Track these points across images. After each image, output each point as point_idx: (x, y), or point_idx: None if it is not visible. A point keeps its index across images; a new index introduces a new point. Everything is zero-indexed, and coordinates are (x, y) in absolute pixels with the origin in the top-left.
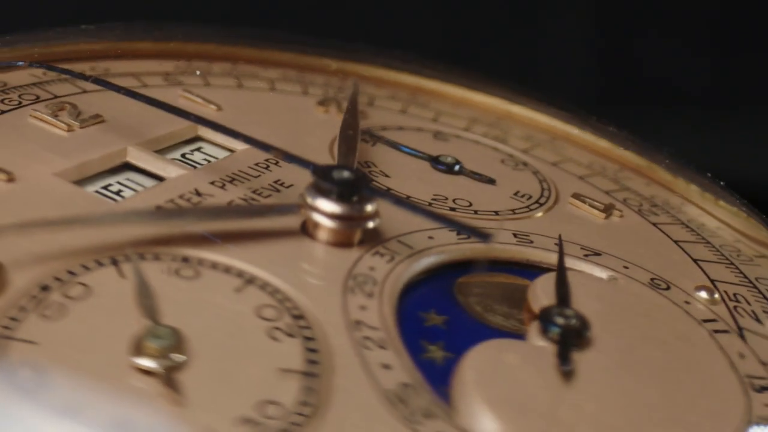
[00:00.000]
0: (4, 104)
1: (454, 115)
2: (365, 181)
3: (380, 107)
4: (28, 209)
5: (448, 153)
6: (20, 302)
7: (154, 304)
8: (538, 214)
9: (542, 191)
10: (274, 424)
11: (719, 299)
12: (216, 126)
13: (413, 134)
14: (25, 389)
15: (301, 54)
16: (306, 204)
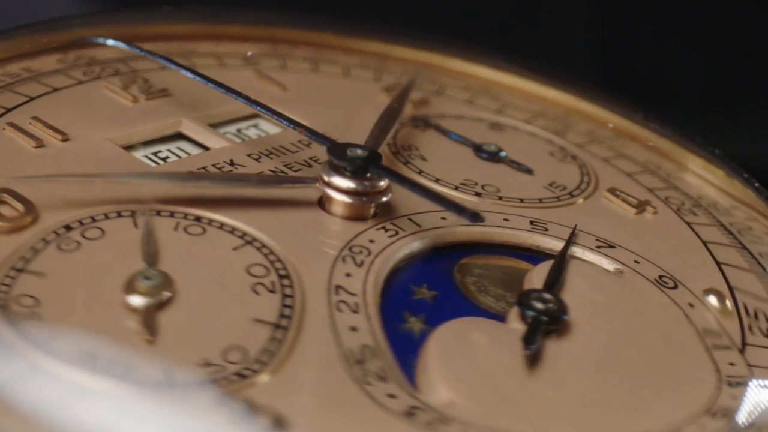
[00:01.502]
0: (84, 75)
1: (520, 107)
2: (374, 160)
3: (448, 96)
4: (72, 165)
5: (499, 143)
6: (44, 236)
7: (154, 251)
8: (579, 201)
9: (579, 184)
10: (232, 368)
11: (731, 309)
12: (252, 102)
13: (470, 123)
14: (18, 316)
15: (383, 42)
16: (320, 178)
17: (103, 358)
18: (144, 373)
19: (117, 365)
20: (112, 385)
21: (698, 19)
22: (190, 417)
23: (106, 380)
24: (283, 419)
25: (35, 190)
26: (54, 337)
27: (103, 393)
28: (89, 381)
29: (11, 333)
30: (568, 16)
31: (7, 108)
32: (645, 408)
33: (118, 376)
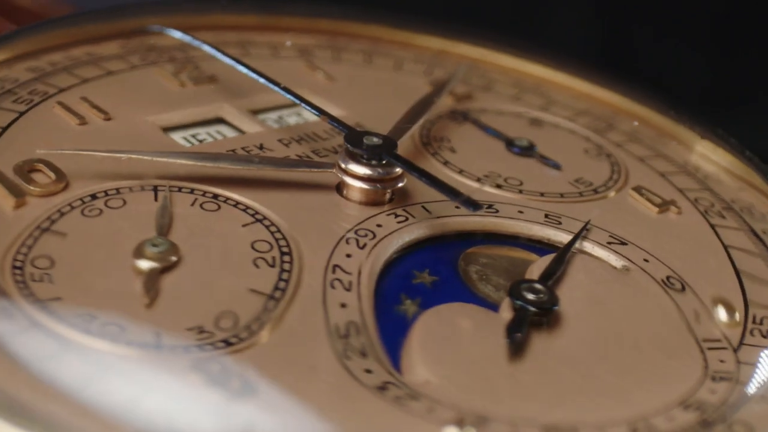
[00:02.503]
0: (141, 60)
1: (566, 105)
2: (388, 148)
3: (496, 92)
4: (109, 142)
5: (536, 138)
6: (71, 202)
7: (167, 223)
8: (602, 197)
9: (607, 181)
10: (221, 335)
11: (740, 321)
12: (282, 88)
13: (510, 119)
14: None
15: (441, 38)
16: (338, 164)
17: (101, 319)
18: (135, 335)
19: (112, 326)
20: (103, 344)
21: (698, 19)
22: (166, 378)
23: (97, 340)
24: (253, 384)
25: (68, 162)
26: (59, 298)
27: (92, 351)
28: (81, 339)
29: (19, 291)
30: (568, 16)
31: (60, 88)
32: (620, 398)
33: (109, 336)
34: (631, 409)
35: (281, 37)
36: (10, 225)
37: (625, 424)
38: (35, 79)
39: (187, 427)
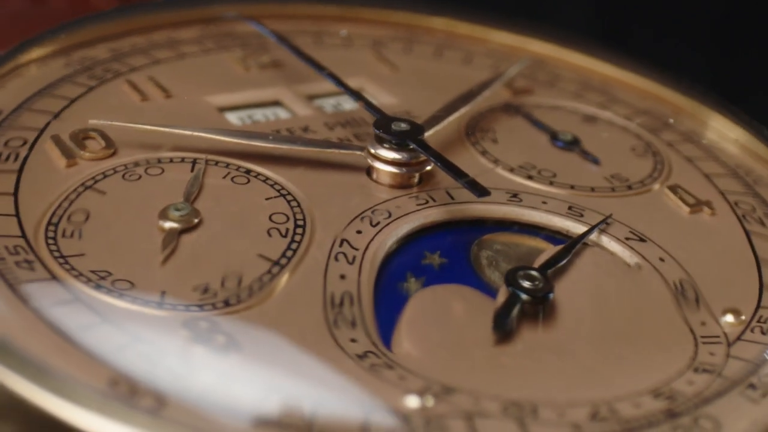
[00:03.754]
0: (214, 44)
1: (627, 103)
2: (413, 134)
3: (558, 88)
4: (165, 117)
5: (585, 134)
6: (115, 166)
7: (194, 191)
8: (646, 191)
9: (644, 179)
10: (223, 294)
11: (745, 320)
12: (329, 75)
13: (564, 114)
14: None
15: (515, 34)
16: (366, 148)
17: (115, 275)
18: (142, 292)
19: (123, 282)
20: (110, 299)
21: (698, 19)
22: (155, 332)
23: (104, 295)
24: (238, 342)
25: (119, 132)
26: (82, 254)
27: (99, 304)
28: (91, 293)
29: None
30: (568, 15)
31: (133, 67)
32: (595, 382)
33: (117, 293)
34: (600, 392)
35: (357, 28)
36: (62, 180)
37: (588, 406)
38: (112, 58)
39: (164, 374)
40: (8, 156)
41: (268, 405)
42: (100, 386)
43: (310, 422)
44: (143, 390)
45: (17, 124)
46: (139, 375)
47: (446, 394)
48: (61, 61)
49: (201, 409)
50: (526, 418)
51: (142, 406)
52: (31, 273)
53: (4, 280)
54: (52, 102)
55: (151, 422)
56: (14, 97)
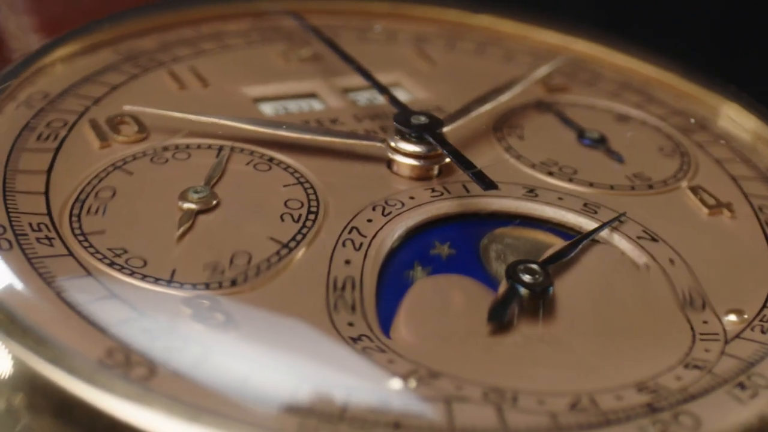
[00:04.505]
0: (259, 37)
1: (664, 103)
2: (430, 127)
3: (596, 87)
4: (200, 106)
5: (615, 133)
6: (145, 150)
7: (216, 176)
8: (667, 190)
9: (667, 179)
10: (230, 273)
11: (748, 318)
12: (358, 69)
13: (597, 113)
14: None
15: (558, 33)
16: (385, 140)
17: (130, 252)
18: (154, 269)
19: (136, 260)
20: (121, 276)
21: (698, 18)
22: (158, 308)
23: (116, 272)
24: (236, 321)
25: (153, 119)
26: (102, 231)
27: (109, 280)
28: (104, 269)
29: (70, 224)
30: (569, 15)
31: (177, 57)
32: (583, 374)
33: (128, 270)
34: (585, 383)
35: (403, 24)
36: (94, 160)
37: (569, 396)
38: (159, 48)
39: (160, 347)
40: (48, 136)
41: (251, 381)
42: (96, 356)
43: (290, 398)
44: (136, 361)
45: (61, 107)
46: (135, 347)
47: (431, 378)
48: (110, 50)
49: (188, 381)
50: (505, 405)
51: (134, 375)
52: (49, 249)
53: (23, 255)
54: (95, 88)
55: (139, 391)
56: (61, 82)
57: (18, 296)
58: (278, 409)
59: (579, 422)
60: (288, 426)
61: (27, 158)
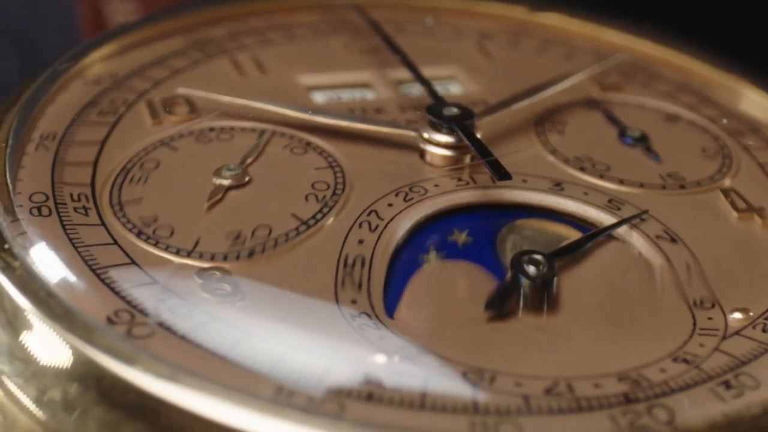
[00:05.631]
0: (326, 29)
1: (718, 105)
2: (460, 119)
3: (651, 87)
4: (254, 92)
5: (661, 133)
6: (192, 129)
7: (251, 155)
8: (700, 191)
9: (701, 180)
10: (250, 244)
11: (752, 316)
12: (404, 61)
13: (646, 113)
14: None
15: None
16: (418, 129)
17: (160, 221)
18: (178, 240)
19: (164, 229)
20: (144, 245)
21: (698, 18)
22: (170, 276)
23: (140, 241)
24: (243, 291)
25: (206, 102)
26: (140, 198)
27: (131, 246)
28: (129, 236)
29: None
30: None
31: (242, 45)
32: (571, 360)
33: (154, 239)
34: (568, 369)
35: (470, 20)
36: (145, 136)
37: (548, 380)
38: (227, 37)
39: (164, 312)
40: (108, 112)
41: (240, 347)
42: (103, 316)
43: (272, 366)
44: (139, 322)
45: (125, 86)
46: (141, 310)
47: (416, 356)
48: (181, 36)
49: (183, 344)
50: (480, 384)
51: (134, 334)
52: (84, 218)
53: (60, 222)
54: (159, 71)
55: (134, 350)
56: (131, 64)
57: (41, 255)
58: (258, 374)
59: (550, 406)
60: (263, 390)
61: (84, 131)
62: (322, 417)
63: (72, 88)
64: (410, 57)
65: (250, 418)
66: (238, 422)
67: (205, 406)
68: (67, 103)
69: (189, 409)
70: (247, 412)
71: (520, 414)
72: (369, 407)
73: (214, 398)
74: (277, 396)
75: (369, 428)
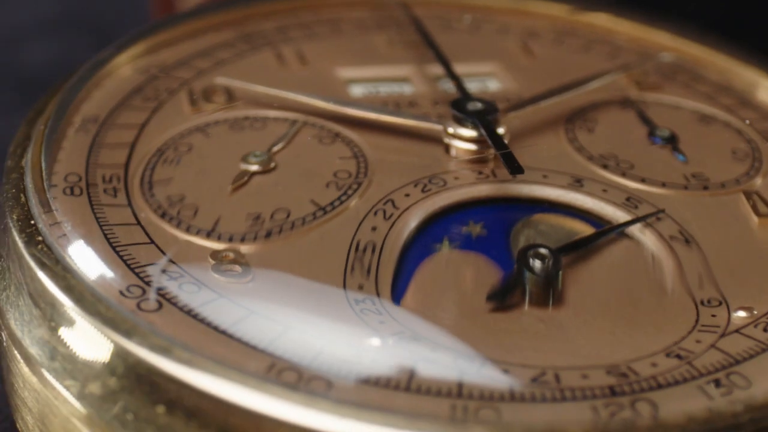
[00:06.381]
0: (373, 25)
1: (758, 108)
2: (482, 114)
3: (692, 88)
4: (293, 83)
5: (694, 134)
6: (227, 117)
7: (281, 144)
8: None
9: (725, 182)
10: (269, 224)
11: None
12: (438, 56)
13: (682, 113)
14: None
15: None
16: (443, 123)
17: (185, 201)
18: (200, 220)
19: (187, 210)
20: (166, 225)
21: (698, 18)
22: (187, 258)
23: (163, 221)
24: (253, 272)
25: (245, 90)
26: (170, 179)
27: (152, 226)
28: (151, 216)
29: (141, 174)
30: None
31: (288, 38)
32: (564, 350)
33: (176, 220)
34: (558, 359)
35: (516, 18)
36: (182, 122)
37: (536, 369)
38: (275, 30)
39: (174, 288)
40: (151, 98)
41: (241, 324)
42: (116, 289)
43: (270, 343)
44: (150, 297)
45: (172, 75)
46: (153, 285)
47: (410, 341)
48: (232, 29)
49: (187, 319)
50: (469, 370)
51: (143, 308)
52: (112, 198)
53: (89, 202)
54: (205, 61)
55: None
56: (179, 54)
57: (67, 229)
58: (255, 351)
59: (533, 394)
60: (257, 367)
61: (126, 114)
62: (307, 394)
63: (119, 76)
64: (453, 53)
65: (240, 393)
66: (229, 396)
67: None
68: (115, 89)
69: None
70: (236, 387)
71: (502, 400)
72: (355, 387)
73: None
74: (268, 372)
75: (350, 407)
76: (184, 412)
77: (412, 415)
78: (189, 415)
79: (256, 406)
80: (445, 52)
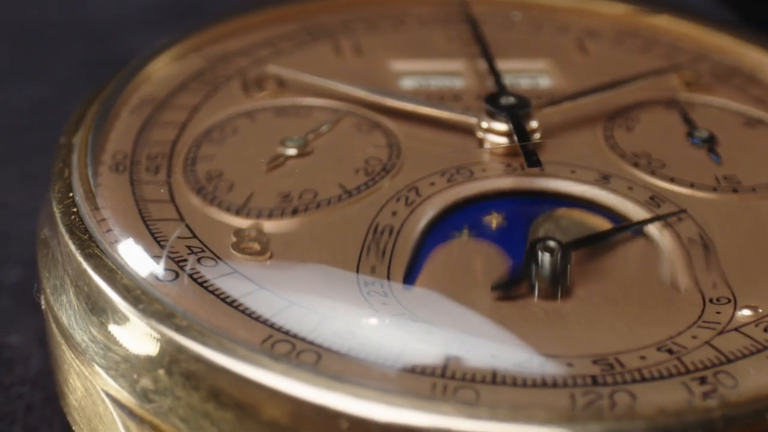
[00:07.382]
0: (433, 21)
1: None
2: (514, 108)
3: (744, 91)
4: (347, 73)
5: (737, 137)
6: (277, 104)
7: (320, 131)
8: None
9: (757, 186)
10: (296, 203)
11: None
12: (483, 51)
13: (728, 115)
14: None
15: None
16: (477, 116)
17: (222, 177)
18: (232, 197)
19: (222, 185)
20: (196, 200)
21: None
22: (210, 233)
23: (199, 198)
24: (272, 250)
25: (296, 79)
26: (213, 156)
27: (184, 203)
28: (187, 194)
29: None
30: None
31: (348, 30)
32: (559, 339)
33: (210, 196)
34: (547, 348)
35: (578, 17)
36: (232, 107)
37: (525, 355)
38: (337, 24)
39: (193, 260)
40: (207, 82)
41: (249, 298)
42: (146, 256)
43: (270, 316)
44: (168, 268)
45: (231, 63)
46: (173, 256)
47: (407, 322)
48: (296, 22)
49: (198, 290)
50: (458, 353)
51: (162, 277)
52: (152, 176)
53: (129, 180)
54: (264, 51)
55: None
56: (242, 44)
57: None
58: (252, 323)
59: (515, 379)
60: (254, 339)
61: (181, 95)
62: (295, 367)
63: (182, 61)
64: (509, 50)
65: (236, 364)
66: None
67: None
68: (175, 73)
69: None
70: (232, 357)
71: (483, 382)
72: (343, 361)
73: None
74: (263, 344)
75: (329, 379)
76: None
77: (388, 390)
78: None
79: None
80: (500, 49)
